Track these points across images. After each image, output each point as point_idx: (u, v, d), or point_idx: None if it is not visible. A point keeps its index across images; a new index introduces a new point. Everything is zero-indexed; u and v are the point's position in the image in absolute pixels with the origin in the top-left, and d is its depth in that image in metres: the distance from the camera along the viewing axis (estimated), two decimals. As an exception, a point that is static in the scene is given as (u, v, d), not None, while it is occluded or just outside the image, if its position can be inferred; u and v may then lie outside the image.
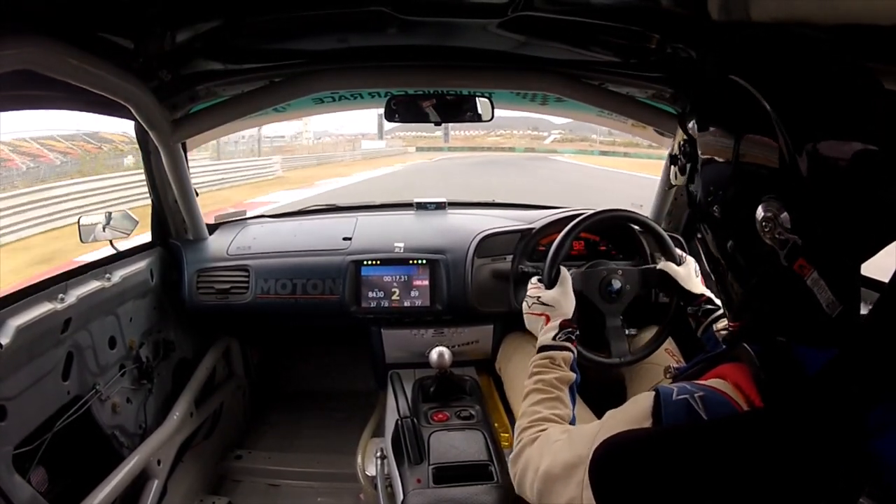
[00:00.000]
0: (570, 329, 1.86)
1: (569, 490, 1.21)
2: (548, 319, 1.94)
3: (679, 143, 1.30)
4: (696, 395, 1.05)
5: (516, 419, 2.35)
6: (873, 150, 0.91)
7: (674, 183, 1.39)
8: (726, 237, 1.14)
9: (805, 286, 0.97)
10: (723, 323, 1.97)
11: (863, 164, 0.92)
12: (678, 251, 2.29)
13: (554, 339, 1.84)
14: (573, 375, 1.74)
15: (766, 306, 1.10)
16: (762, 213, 0.99)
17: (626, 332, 2.34)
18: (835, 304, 0.96)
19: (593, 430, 1.21)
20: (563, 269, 2.10)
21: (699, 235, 1.28)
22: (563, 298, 2.00)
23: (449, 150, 64.95)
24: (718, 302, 2.06)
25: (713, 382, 1.10)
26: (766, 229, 0.99)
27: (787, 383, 0.99)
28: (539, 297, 2.02)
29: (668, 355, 2.37)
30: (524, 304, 2.08)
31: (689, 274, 2.19)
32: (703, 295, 2.12)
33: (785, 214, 0.96)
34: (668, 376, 1.46)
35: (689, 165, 1.26)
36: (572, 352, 1.80)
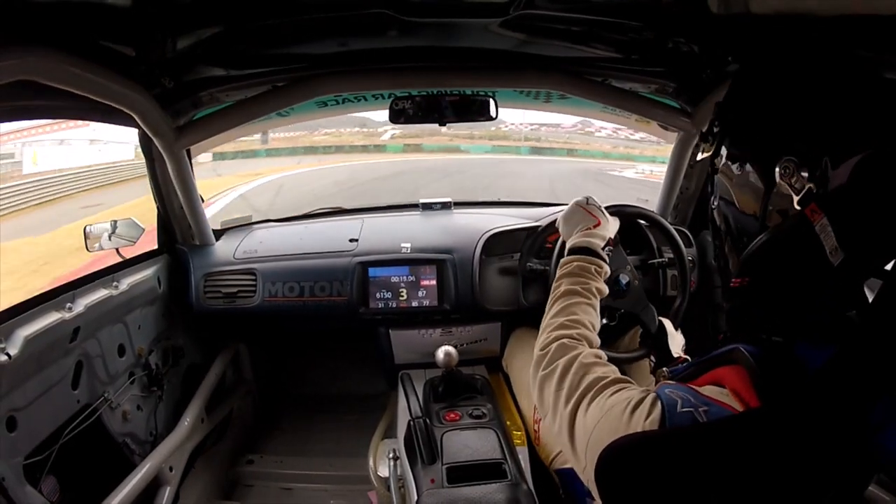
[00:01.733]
0: (610, 248, 1.92)
1: (578, 451, 1.21)
2: (598, 225, 1.94)
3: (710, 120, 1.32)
4: (700, 409, 1.05)
5: (524, 414, 2.35)
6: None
7: (699, 158, 1.45)
8: (746, 195, 1.18)
9: (813, 232, 0.99)
10: None
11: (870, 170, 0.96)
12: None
13: (602, 248, 1.84)
14: (606, 289, 1.75)
15: (773, 260, 1.11)
16: (782, 165, 1.04)
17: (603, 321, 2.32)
18: (837, 251, 0.98)
19: (591, 423, 1.19)
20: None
21: (714, 204, 1.32)
22: (613, 224, 2.02)
23: (268, 155, 38.69)
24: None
25: (710, 391, 1.10)
26: (786, 173, 1.03)
27: (787, 382, 0.99)
28: (602, 206, 2.03)
29: None
30: (580, 198, 2.07)
31: (678, 340, 2.17)
32: (679, 357, 2.13)
33: (805, 172, 1.01)
34: (662, 378, 1.44)
35: (717, 130, 1.29)
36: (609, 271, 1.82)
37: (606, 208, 2.20)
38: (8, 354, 1.76)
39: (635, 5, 1.75)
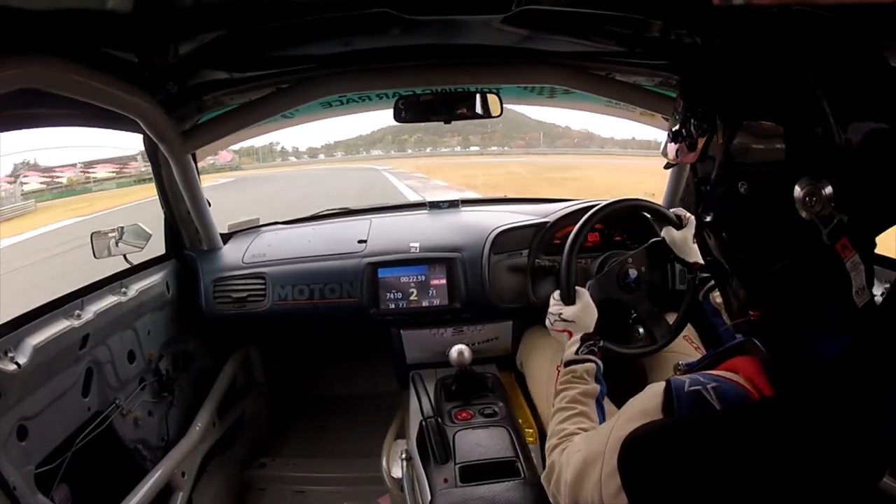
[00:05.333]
0: (591, 342, 1.88)
1: (589, 487, 1.21)
2: (570, 335, 1.97)
3: (686, 116, 1.21)
4: (708, 385, 1.05)
5: (540, 412, 2.36)
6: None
7: (674, 161, 1.32)
8: (753, 216, 1.08)
9: (843, 269, 0.96)
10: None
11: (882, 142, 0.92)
12: (679, 211, 2.29)
13: (576, 353, 1.85)
14: (597, 388, 1.75)
15: (792, 291, 1.06)
16: (805, 188, 0.95)
17: (633, 324, 2.36)
18: (864, 290, 0.95)
19: (608, 427, 1.21)
20: (580, 288, 2.14)
21: (707, 219, 1.20)
22: (583, 313, 2.03)
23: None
24: None
25: (725, 374, 1.09)
26: (811, 204, 0.94)
27: (801, 371, 0.98)
28: (560, 313, 2.05)
29: (686, 343, 2.37)
30: (547, 321, 2.11)
31: (686, 240, 2.21)
32: (696, 263, 2.13)
33: (829, 189, 0.93)
34: (678, 373, 1.43)
35: (702, 140, 1.16)
36: (595, 363, 1.81)
37: (603, 208, 2.23)
38: (17, 363, 1.75)
39: None
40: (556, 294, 2.14)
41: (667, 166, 1.47)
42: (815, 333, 1.03)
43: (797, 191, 0.95)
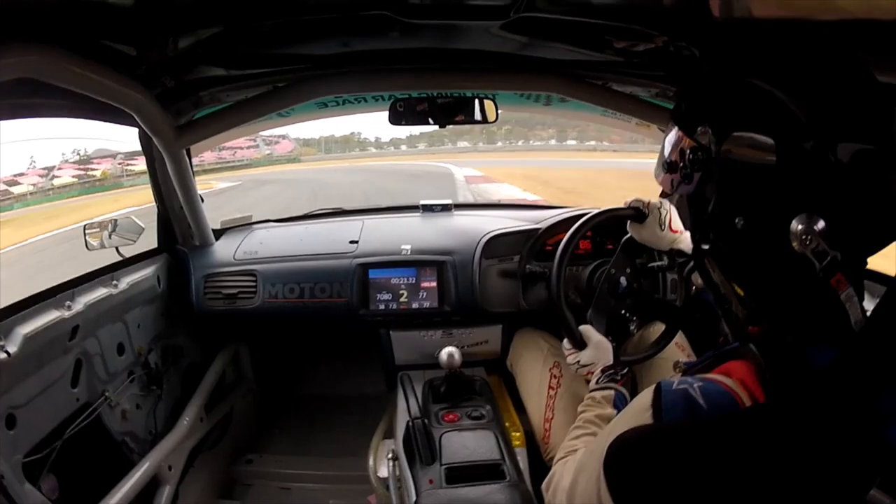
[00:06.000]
0: (611, 371, 1.96)
1: (583, 490, 1.23)
2: (592, 373, 2.05)
3: (681, 149, 1.20)
4: (694, 385, 1.08)
5: (529, 414, 2.38)
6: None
7: (670, 192, 1.31)
8: (750, 250, 1.10)
9: (838, 301, 0.97)
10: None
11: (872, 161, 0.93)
12: (635, 203, 2.24)
13: (597, 383, 1.94)
14: (613, 412, 1.80)
15: (788, 313, 1.09)
16: (802, 224, 0.96)
17: (631, 327, 2.38)
18: (861, 322, 0.95)
19: (606, 432, 1.23)
20: (583, 328, 2.18)
21: (706, 247, 1.21)
22: (597, 351, 2.10)
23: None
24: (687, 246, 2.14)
25: (717, 377, 1.11)
26: (806, 241, 0.95)
27: (794, 378, 1.00)
28: (578, 361, 2.12)
29: (678, 350, 2.38)
30: (571, 370, 2.19)
31: (653, 232, 2.19)
32: (671, 249, 2.19)
33: (821, 223, 0.94)
34: (677, 371, 1.45)
35: (698, 174, 1.16)
36: (615, 390, 1.88)
37: (593, 218, 2.28)
38: (7, 352, 1.76)
39: (637, 9, 1.75)
40: (567, 343, 2.20)
41: (663, 194, 1.50)
42: (812, 344, 1.04)
43: (794, 226, 0.96)
